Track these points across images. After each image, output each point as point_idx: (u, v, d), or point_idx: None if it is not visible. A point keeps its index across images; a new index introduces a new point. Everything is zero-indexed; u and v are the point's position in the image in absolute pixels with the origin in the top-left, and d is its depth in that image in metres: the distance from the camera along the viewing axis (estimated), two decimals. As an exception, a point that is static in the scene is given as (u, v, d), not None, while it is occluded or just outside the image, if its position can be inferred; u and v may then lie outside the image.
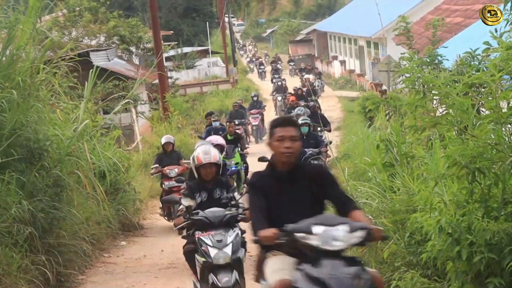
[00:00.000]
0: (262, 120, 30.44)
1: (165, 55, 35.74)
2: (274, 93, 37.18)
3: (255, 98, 31.97)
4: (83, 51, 22.56)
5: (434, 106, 7.37)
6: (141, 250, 13.14)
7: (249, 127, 29.36)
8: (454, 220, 6.38)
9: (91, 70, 13.81)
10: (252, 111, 30.26)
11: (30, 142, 10.55)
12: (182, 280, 11.00)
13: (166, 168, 15.40)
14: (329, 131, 20.86)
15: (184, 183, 11.15)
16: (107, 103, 18.74)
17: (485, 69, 7.88)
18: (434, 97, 6.93)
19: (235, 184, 15.29)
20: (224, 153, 15.23)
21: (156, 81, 28.21)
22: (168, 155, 15.86)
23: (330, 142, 17.25)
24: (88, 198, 12.44)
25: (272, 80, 43.28)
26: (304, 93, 31.29)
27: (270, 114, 31.71)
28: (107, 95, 19.76)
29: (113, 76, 20.51)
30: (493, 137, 6.31)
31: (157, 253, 12.81)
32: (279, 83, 38.54)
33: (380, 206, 9.23)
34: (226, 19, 60.25)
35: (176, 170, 15.27)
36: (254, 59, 71.13)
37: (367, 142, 13.88)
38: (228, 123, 19.00)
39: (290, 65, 61.03)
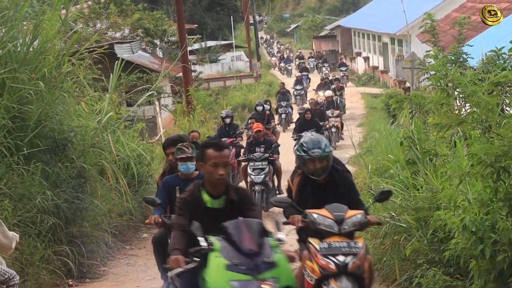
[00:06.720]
0: (237, 154, 18.11)
1: (189, 48, 35.77)
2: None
3: (227, 120, 18.88)
4: (108, 43, 22.68)
5: (459, 104, 7.36)
6: (163, 243, 13.13)
7: None
8: (478, 218, 6.37)
9: (116, 62, 13.88)
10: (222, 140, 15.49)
11: (55, 133, 10.67)
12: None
13: None
14: None
15: None
16: (130, 96, 18.85)
17: (510, 68, 7.86)
18: (459, 95, 6.92)
19: None
20: None
21: (180, 74, 28.26)
22: None
23: None
24: (111, 189, 12.50)
25: (277, 110, 30.03)
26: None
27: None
28: (131, 88, 19.85)
29: (137, 69, 20.63)
30: (518, 136, 6.29)
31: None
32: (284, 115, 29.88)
33: (403, 203, 9.22)
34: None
35: None
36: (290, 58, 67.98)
37: (390, 139, 13.82)
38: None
39: (310, 61, 60.56)
